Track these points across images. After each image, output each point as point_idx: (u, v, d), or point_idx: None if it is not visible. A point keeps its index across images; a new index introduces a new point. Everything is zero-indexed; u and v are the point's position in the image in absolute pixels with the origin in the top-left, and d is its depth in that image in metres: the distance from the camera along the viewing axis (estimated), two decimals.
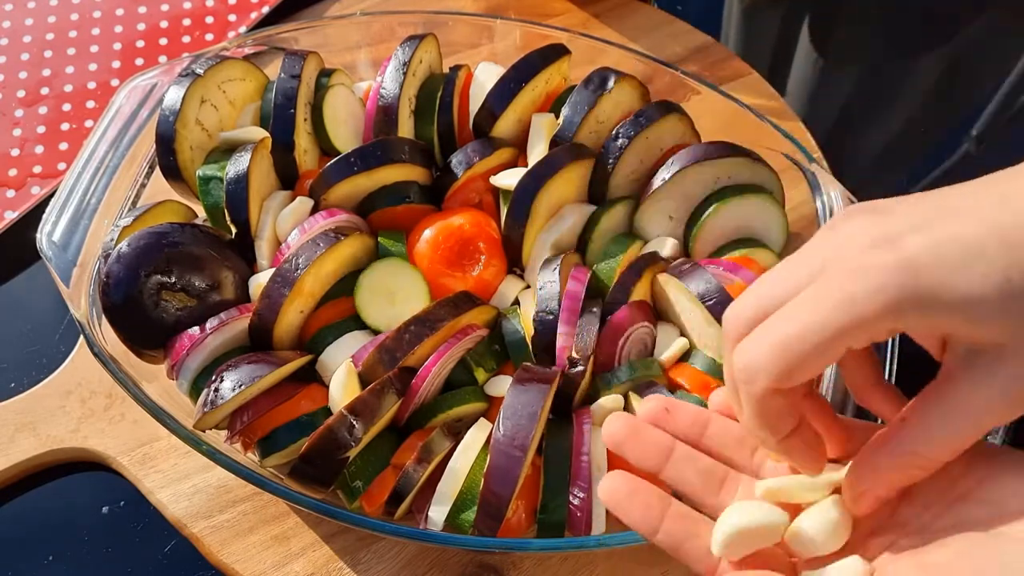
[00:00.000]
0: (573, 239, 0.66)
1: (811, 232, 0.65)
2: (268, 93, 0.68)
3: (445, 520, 0.53)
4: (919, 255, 0.32)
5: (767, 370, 0.34)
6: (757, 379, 0.35)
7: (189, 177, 0.65)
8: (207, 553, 0.60)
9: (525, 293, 0.65)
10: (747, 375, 0.35)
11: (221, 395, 0.54)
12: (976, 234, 0.32)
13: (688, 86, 0.71)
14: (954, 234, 0.32)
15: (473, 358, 0.59)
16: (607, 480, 0.40)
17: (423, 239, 0.64)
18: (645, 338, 0.61)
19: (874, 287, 0.32)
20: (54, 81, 0.85)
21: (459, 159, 0.66)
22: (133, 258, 0.57)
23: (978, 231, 0.32)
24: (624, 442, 0.41)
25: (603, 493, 0.39)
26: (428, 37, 0.70)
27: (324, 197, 0.64)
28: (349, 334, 0.60)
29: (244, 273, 0.63)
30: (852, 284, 0.32)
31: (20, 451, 0.64)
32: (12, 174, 0.79)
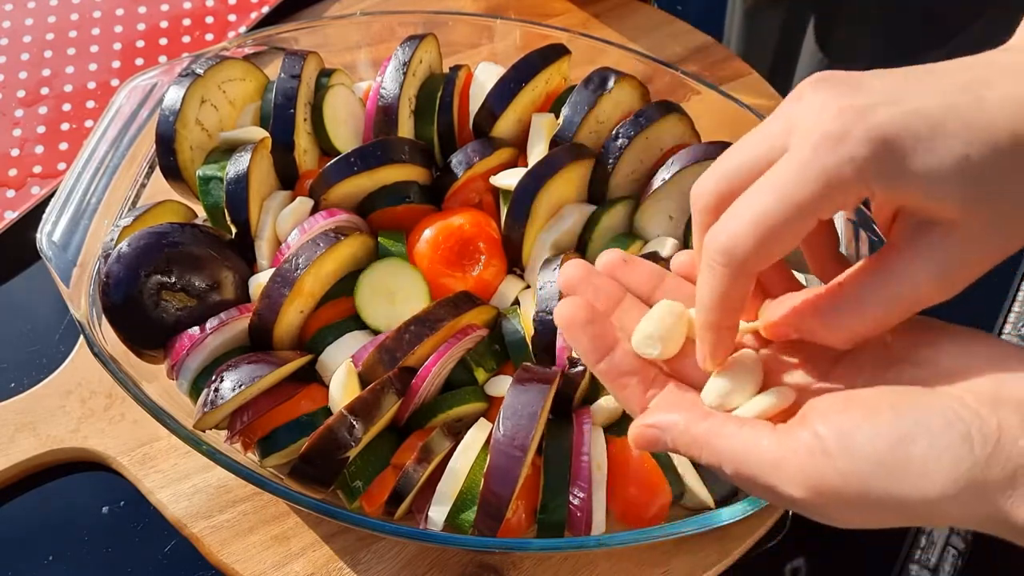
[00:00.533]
0: (573, 239, 0.66)
1: None
2: (268, 93, 0.68)
3: (445, 520, 0.53)
4: (886, 126, 0.32)
5: (745, 244, 0.35)
6: (736, 253, 0.35)
7: (189, 177, 0.65)
8: (207, 553, 0.60)
9: (525, 293, 0.65)
10: (725, 249, 0.35)
11: (221, 395, 0.54)
12: (941, 111, 0.32)
13: (688, 86, 0.71)
14: (920, 109, 0.33)
15: (473, 358, 0.59)
16: (565, 303, 0.40)
17: (423, 239, 0.64)
18: None
19: (844, 157, 0.33)
20: (54, 81, 0.85)
21: (459, 159, 0.66)
22: (133, 258, 0.57)
23: (943, 108, 0.33)
24: (577, 284, 0.41)
25: (559, 316, 0.40)
26: (428, 37, 0.70)
27: (324, 197, 0.64)
28: (349, 334, 0.60)
29: (244, 273, 0.63)
30: (824, 155, 0.33)
31: (20, 451, 0.64)
32: (12, 174, 0.79)
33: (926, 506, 0.32)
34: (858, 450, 0.32)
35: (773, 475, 0.34)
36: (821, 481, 0.33)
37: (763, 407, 0.37)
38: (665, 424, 0.37)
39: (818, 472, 0.33)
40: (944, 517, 0.32)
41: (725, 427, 0.36)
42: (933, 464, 0.31)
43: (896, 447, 0.32)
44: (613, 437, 0.58)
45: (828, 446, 0.33)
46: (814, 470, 0.33)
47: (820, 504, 0.33)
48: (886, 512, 0.33)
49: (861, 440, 0.32)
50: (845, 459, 0.32)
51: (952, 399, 0.33)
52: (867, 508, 0.33)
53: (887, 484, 0.32)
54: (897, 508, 0.32)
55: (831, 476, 0.32)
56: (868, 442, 0.32)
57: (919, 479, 0.31)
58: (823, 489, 0.33)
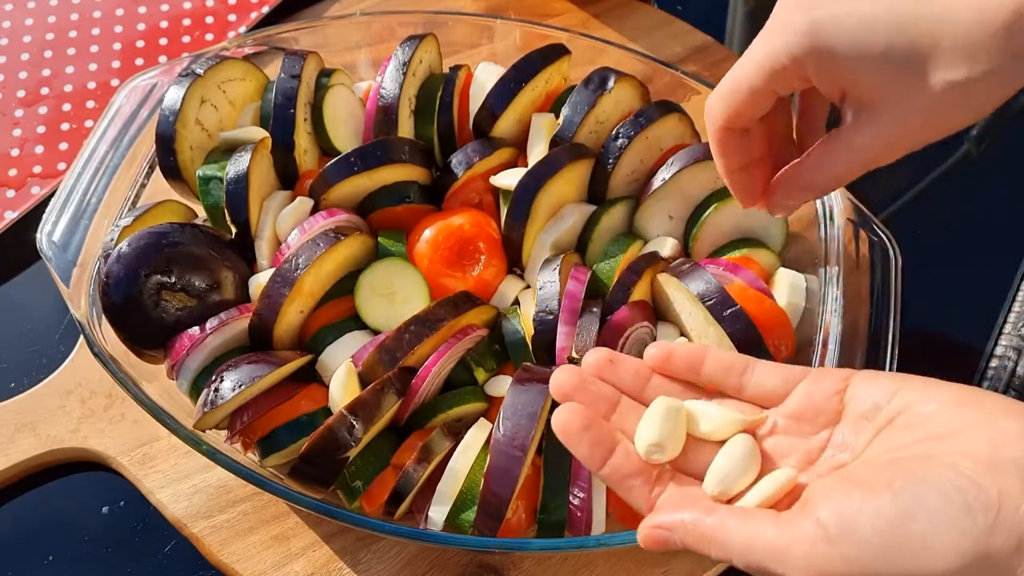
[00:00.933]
0: (573, 239, 0.66)
1: (811, 232, 0.65)
2: (268, 93, 0.68)
3: (445, 520, 0.53)
4: (823, 20, 0.40)
5: (717, 114, 0.47)
6: (712, 118, 0.48)
7: (189, 177, 0.65)
8: (207, 553, 0.60)
9: (525, 293, 0.65)
10: (707, 117, 0.48)
11: (221, 395, 0.54)
12: (873, 11, 0.40)
13: (688, 86, 0.71)
14: (855, 9, 0.40)
15: (473, 358, 0.59)
16: (561, 411, 0.41)
17: (423, 239, 0.64)
18: (645, 338, 0.61)
19: (785, 43, 0.42)
20: (54, 81, 0.85)
21: (459, 159, 0.66)
22: (133, 258, 0.57)
23: (875, 9, 0.40)
24: (572, 392, 0.42)
25: (556, 424, 0.40)
26: (428, 37, 0.70)
27: (324, 197, 0.64)
28: (349, 334, 0.60)
29: (244, 273, 0.63)
30: (772, 40, 0.43)
31: (20, 451, 0.64)
32: (12, 174, 0.79)
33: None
34: (860, 534, 0.33)
35: (780, 564, 0.34)
36: (826, 567, 0.33)
37: (765, 495, 0.37)
38: (672, 524, 0.38)
39: (823, 559, 0.33)
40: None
41: (730, 521, 0.36)
42: (936, 540, 0.31)
43: (897, 527, 0.32)
44: None
45: (831, 533, 0.33)
46: (819, 558, 0.33)
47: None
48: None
49: (862, 523, 0.33)
50: (848, 544, 0.33)
51: (949, 469, 0.33)
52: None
53: (892, 565, 0.32)
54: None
55: (836, 562, 0.33)
56: (869, 524, 0.33)
57: (924, 556, 0.31)
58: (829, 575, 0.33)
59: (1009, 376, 0.68)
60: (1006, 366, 0.69)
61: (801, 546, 0.34)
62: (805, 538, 0.34)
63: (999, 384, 0.68)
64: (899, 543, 0.32)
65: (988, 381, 0.68)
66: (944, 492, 0.32)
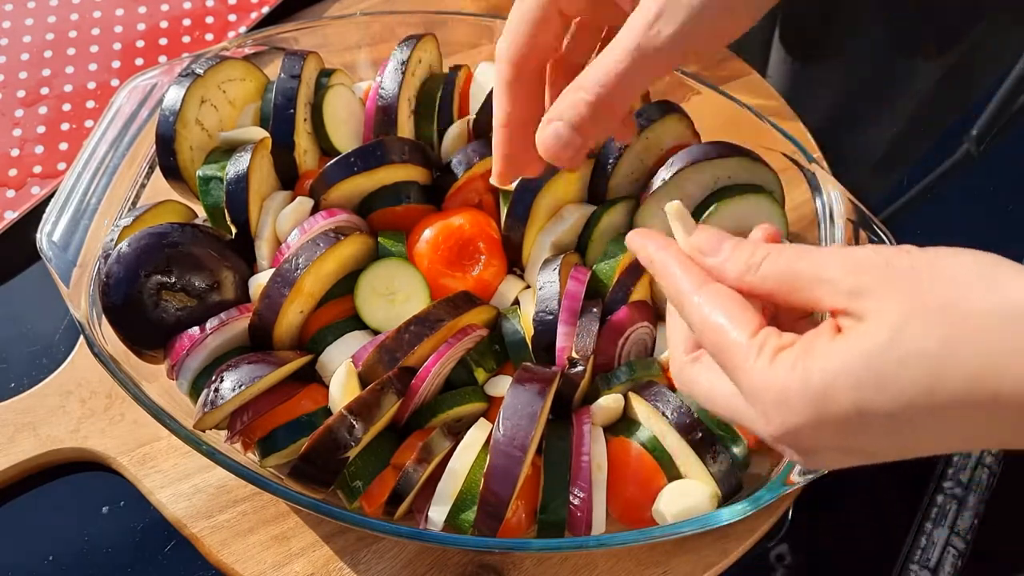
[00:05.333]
0: (573, 239, 0.66)
1: (811, 232, 0.65)
2: (268, 93, 0.68)
3: (445, 520, 0.53)
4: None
5: (503, 45, 0.45)
6: (500, 54, 0.45)
7: (189, 177, 0.65)
8: (207, 553, 0.60)
9: (525, 293, 0.65)
10: (497, 55, 0.46)
11: (221, 395, 0.54)
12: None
13: (688, 86, 0.71)
14: None
15: (473, 358, 0.59)
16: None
17: (423, 239, 0.64)
18: (645, 338, 0.61)
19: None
20: (54, 81, 0.85)
21: (459, 159, 0.66)
22: (133, 258, 0.57)
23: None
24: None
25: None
26: (427, 37, 0.70)
27: (324, 197, 0.64)
28: (349, 334, 0.60)
29: (244, 273, 0.63)
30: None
31: (20, 451, 0.64)
32: (12, 174, 0.79)
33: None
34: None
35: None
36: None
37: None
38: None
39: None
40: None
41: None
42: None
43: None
44: (613, 437, 0.58)
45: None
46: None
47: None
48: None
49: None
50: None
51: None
52: None
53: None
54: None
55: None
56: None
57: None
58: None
59: None
60: None
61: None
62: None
63: None
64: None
65: None
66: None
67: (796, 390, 0.35)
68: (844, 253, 0.37)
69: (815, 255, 0.37)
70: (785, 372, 0.35)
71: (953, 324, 0.32)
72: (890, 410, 0.33)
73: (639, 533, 0.52)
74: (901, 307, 0.34)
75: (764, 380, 0.36)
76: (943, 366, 0.32)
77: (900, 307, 0.34)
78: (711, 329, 0.38)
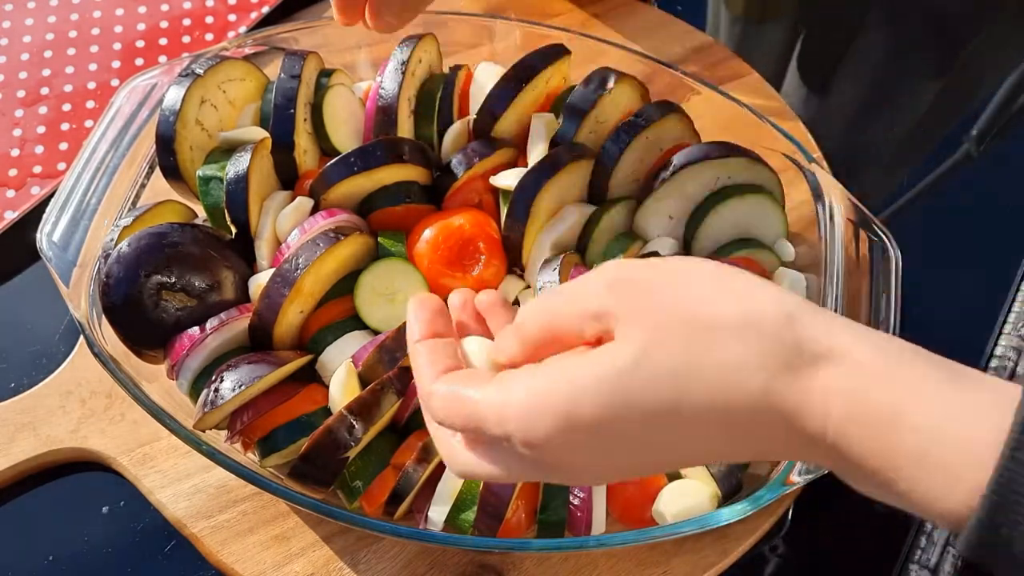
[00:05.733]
0: (573, 239, 0.66)
1: (811, 232, 0.65)
2: (268, 93, 0.68)
3: (445, 520, 0.53)
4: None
5: None
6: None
7: (189, 177, 0.65)
8: (207, 553, 0.60)
9: (525, 293, 0.65)
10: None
11: (221, 395, 0.54)
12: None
13: (688, 86, 0.71)
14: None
15: None
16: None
17: (423, 239, 0.64)
18: None
19: None
20: (54, 81, 0.85)
21: (459, 159, 0.66)
22: (133, 258, 0.57)
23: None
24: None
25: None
26: (427, 37, 0.70)
27: (324, 197, 0.64)
28: (349, 334, 0.60)
29: (244, 273, 0.63)
30: None
31: (20, 451, 0.64)
32: (12, 174, 0.79)
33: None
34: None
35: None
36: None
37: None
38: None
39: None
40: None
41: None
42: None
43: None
44: None
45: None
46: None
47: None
48: None
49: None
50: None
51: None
52: None
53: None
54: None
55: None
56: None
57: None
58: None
59: (1009, 376, 0.68)
60: (1006, 366, 0.69)
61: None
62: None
63: None
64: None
65: None
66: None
67: (542, 402, 0.34)
68: (591, 276, 0.37)
69: (566, 287, 0.38)
70: (533, 383, 0.35)
71: (695, 339, 0.33)
72: (638, 428, 0.33)
73: (639, 533, 0.52)
74: (645, 325, 0.34)
75: (505, 397, 0.35)
76: (689, 381, 0.33)
77: (644, 325, 0.34)
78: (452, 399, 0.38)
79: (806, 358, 0.32)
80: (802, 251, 0.66)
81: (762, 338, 0.33)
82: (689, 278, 0.35)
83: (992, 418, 0.30)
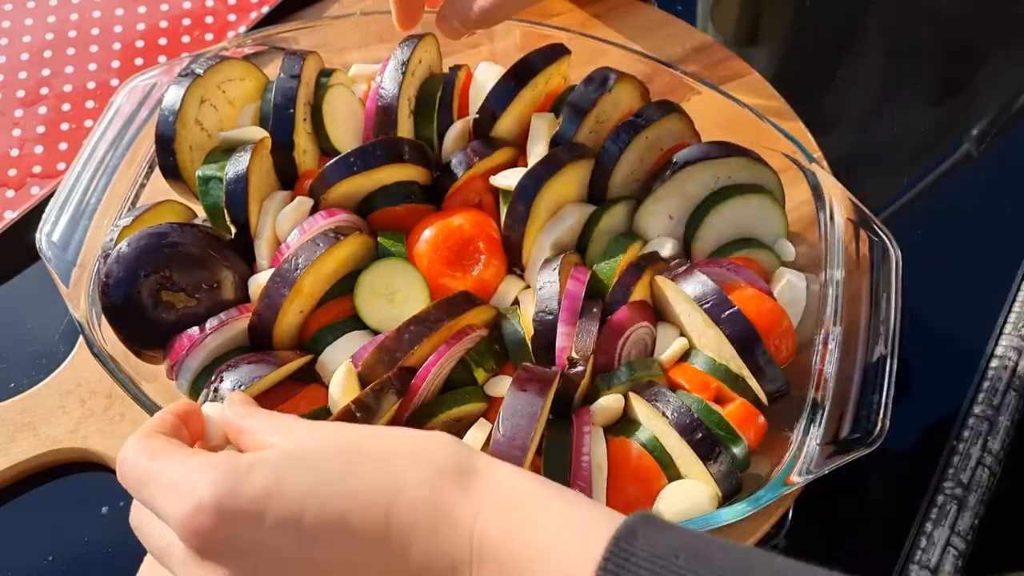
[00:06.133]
0: (573, 239, 0.66)
1: (811, 232, 0.65)
2: (268, 93, 0.68)
3: None
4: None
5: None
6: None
7: (189, 177, 0.65)
8: None
9: (525, 293, 0.64)
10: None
11: (221, 395, 0.54)
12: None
13: (688, 86, 0.71)
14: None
15: (473, 358, 0.59)
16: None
17: (423, 239, 0.64)
18: (645, 338, 0.61)
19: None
20: (54, 81, 0.85)
21: (459, 159, 0.66)
22: (133, 258, 0.57)
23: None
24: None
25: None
26: (427, 37, 0.70)
27: (324, 197, 0.64)
28: (349, 334, 0.60)
29: (244, 273, 0.63)
30: None
31: (20, 451, 0.64)
32: (12, 174, 0.79)
33: None
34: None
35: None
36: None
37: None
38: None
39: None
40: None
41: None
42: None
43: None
44: (613, 437, 0.58)
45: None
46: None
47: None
48: None
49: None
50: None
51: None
52: None
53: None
54: None
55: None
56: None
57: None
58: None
59: (1009, 376, 0.68)
60: (1006, 366, 0.69)
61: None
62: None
63: (999, 384, 0.68)
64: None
65: (988, 381, 0.68)
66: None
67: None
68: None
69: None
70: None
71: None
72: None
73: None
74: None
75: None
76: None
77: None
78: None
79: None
80: (802, 251, 0.66)
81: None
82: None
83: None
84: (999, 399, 0.67)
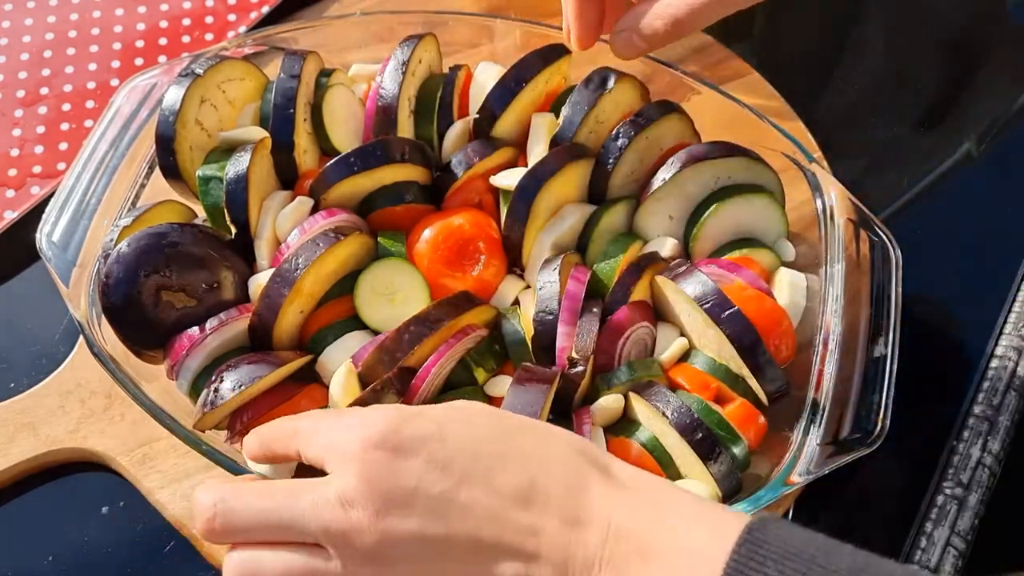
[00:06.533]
0: (573, 239, 0.66)
1: (811, 232, 0.65)
2: (268, 93, 0.68)
3: None
4: None
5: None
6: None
7: (189, 177, 0.65)
8: (207, 553, 0.60)
9: (525, 293, 0.64)
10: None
11: (221, 395, 0.54)
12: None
13: (688, 86, 0.71)
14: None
15: (473, 358, 0.59)
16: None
17: (423, 239, 0.64)
18: (645, 338, 0.61)
19: None
20: (54, 81, 0.85)
21: (459, 159, 0.66)
22: (133, 258, 0.57)
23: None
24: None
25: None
26: (427, 37, 0.70)
27: (324, 197, 0.64)
28: (349, 334, 0.60)
29: (244, 273, 0.63)
30: None
31: (20, 451, 0.64)
32: (12, 174, 0.79)
33: None
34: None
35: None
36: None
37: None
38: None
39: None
40: None
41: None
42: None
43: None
44: (613, 437, 0.58)
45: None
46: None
47: None
48: None
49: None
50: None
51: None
52: None
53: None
54: None
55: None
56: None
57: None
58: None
59: (1009, 376, 0.68)
60: (1006, 366, 0.69)
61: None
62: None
63: (999, 384, 0.68)
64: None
65: (988, 381, 0.68)
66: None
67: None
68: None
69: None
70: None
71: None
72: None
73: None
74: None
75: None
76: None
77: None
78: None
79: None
80: (802, 251, 0.66)
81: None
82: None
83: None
84: (999, 399, 0.67)
